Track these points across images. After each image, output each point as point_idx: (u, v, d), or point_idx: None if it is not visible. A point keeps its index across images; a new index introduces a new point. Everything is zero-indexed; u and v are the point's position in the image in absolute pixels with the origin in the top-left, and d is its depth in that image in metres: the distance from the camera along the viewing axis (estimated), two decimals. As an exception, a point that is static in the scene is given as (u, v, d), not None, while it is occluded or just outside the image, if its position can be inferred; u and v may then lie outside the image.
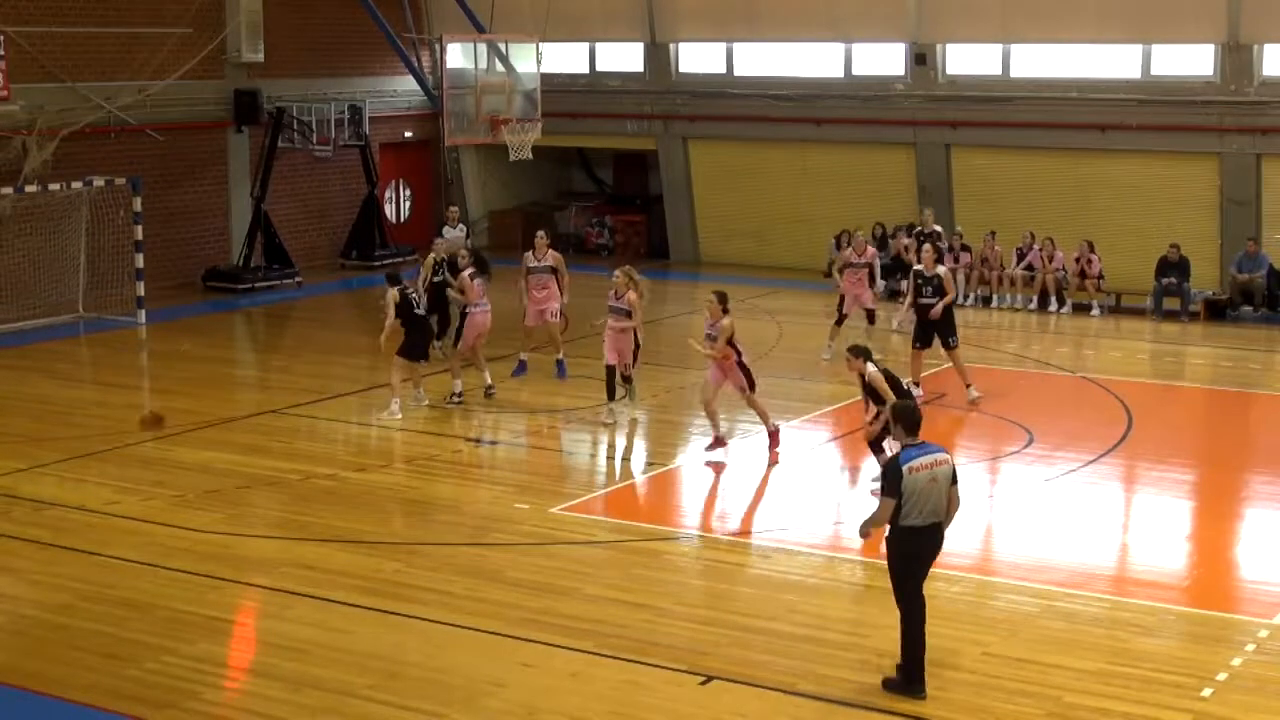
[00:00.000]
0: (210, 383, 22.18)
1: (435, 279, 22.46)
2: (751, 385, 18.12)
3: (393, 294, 19.86)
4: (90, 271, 27.04)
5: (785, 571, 14.26)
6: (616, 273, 19.67)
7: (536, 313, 21.75)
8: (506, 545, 14.95)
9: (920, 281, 20.85)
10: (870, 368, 16.13)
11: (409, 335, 19.90)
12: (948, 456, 11.50)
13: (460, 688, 11.55)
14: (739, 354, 17.92)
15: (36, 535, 15.07)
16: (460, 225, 25.29)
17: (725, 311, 17.92)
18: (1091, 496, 16.86)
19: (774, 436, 18.23)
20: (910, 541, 11.37)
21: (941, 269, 21.06)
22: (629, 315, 19.38)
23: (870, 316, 23.61)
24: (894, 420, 11.69)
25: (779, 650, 12.30)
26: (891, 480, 11.29)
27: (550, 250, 21.97)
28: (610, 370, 19.42)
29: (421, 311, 20.25)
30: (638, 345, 19.59)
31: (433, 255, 22.63)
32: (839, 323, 23.74)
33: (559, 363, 22.02)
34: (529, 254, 21.94)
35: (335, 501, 16.33)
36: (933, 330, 20.82)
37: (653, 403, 20.64)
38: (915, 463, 11.25)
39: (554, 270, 21.75)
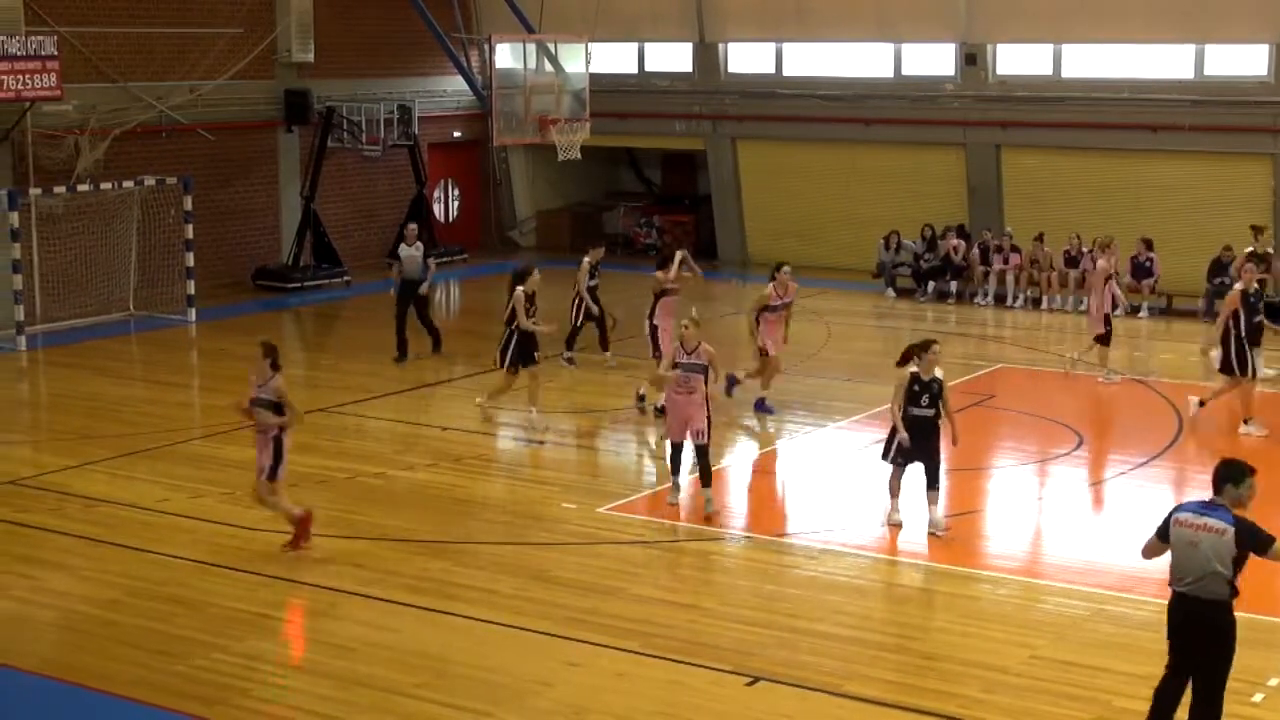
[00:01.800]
0: (260, 381, 22.27)
1: (591, 283, 22.35)
2: (272, 472, 14.35)
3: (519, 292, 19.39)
4: (141, 270, 27.24)
5: (832, 573, 14.22)
6: (685, 321, 16.12)
7: (776, 342, 20.08)
8: (553, 545, 14.96)
9: (1254, 299, 19.04)
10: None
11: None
12: (1227, 527, 9.79)
13: (507, 687, 11.58)
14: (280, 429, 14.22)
15: (88, 531, 15.18)
16: (418, 244, 23.55)
17: (276, 369, 14.28)
18: (1141, 500, 16.73)
19: (302, 525, 14.61)
20: (1172, 606, 10.16)
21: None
22: (705, 372, 15.73)
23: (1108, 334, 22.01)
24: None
25: (825, 651, 12.27)
26: (1162, 522, 10.16)
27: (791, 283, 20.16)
28: (677, 448, 15.91)
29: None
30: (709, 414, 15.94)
31: (588, 259, 22.40)
32: (1106, 340, 21.93)
33: (762, 400, 20.35)
34: (771, 288, 19.85)
35: (383, 500, 16.39)
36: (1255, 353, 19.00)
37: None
38: (1182, 516, 10.00)
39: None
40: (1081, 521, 15.98)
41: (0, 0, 25.24)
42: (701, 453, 15.69)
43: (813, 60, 32.64)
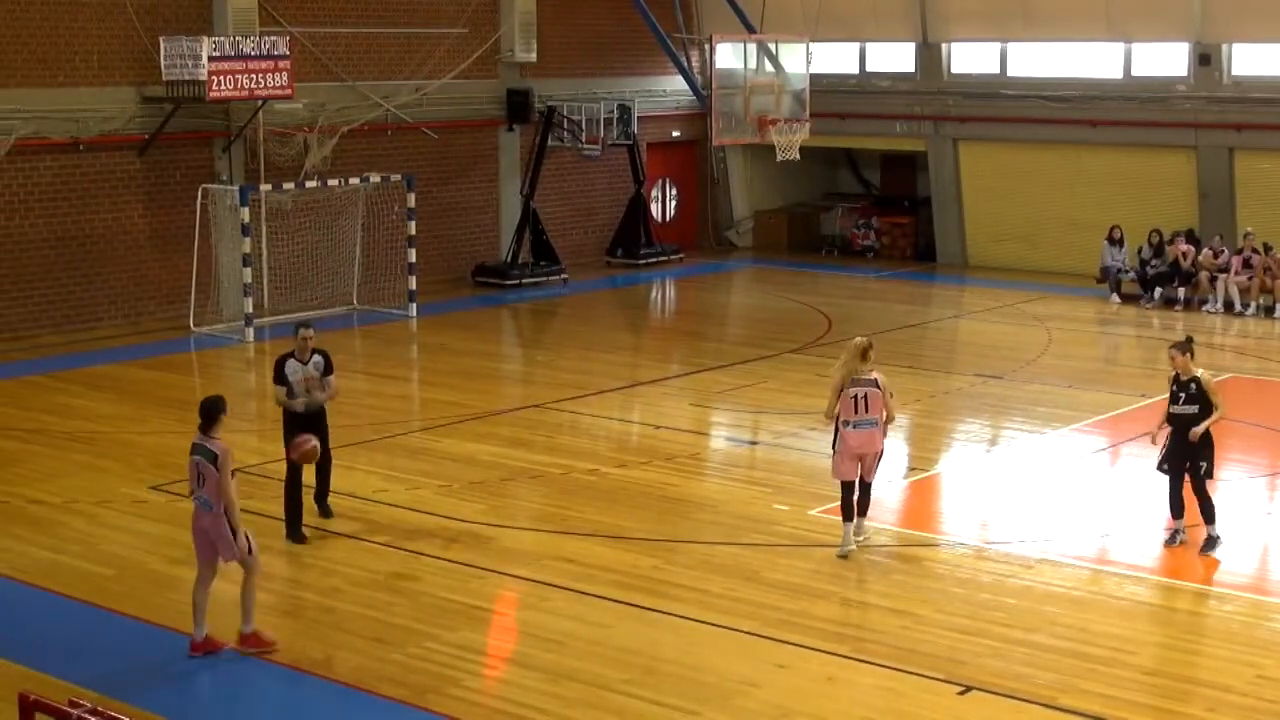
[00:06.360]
0: (476, 376, 22.63)
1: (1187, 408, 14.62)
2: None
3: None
4: (365, 265, 27.84)
5: (1048, 583, 13.90)
6: (858, 338, 14.53)
7: None
8: (764, 546, 14.89)
9: None
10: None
11: None
12: None
13: (715, 686, 11.54)
14: None
15: (308, 520, 15.46)
16: (315, 357, 15.26)
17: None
18: (1379, 517, 16.06)
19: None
20: None
21: None
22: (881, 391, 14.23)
23: None
24: None
25: (1040, 663, 11.99)
26: None
27: None
28: (848, 488, 14.46)
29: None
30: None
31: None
32: None
33: None
34: None
35: (596, 496, 16.48)
36: None
37: (916, 408, 20.33)
38: None
39: None
40: (1313, 538, 15.39)
41: (236, 2, 26.11)
42: (866, 489, 14.58)
43: (1038, 60, 32.08)
